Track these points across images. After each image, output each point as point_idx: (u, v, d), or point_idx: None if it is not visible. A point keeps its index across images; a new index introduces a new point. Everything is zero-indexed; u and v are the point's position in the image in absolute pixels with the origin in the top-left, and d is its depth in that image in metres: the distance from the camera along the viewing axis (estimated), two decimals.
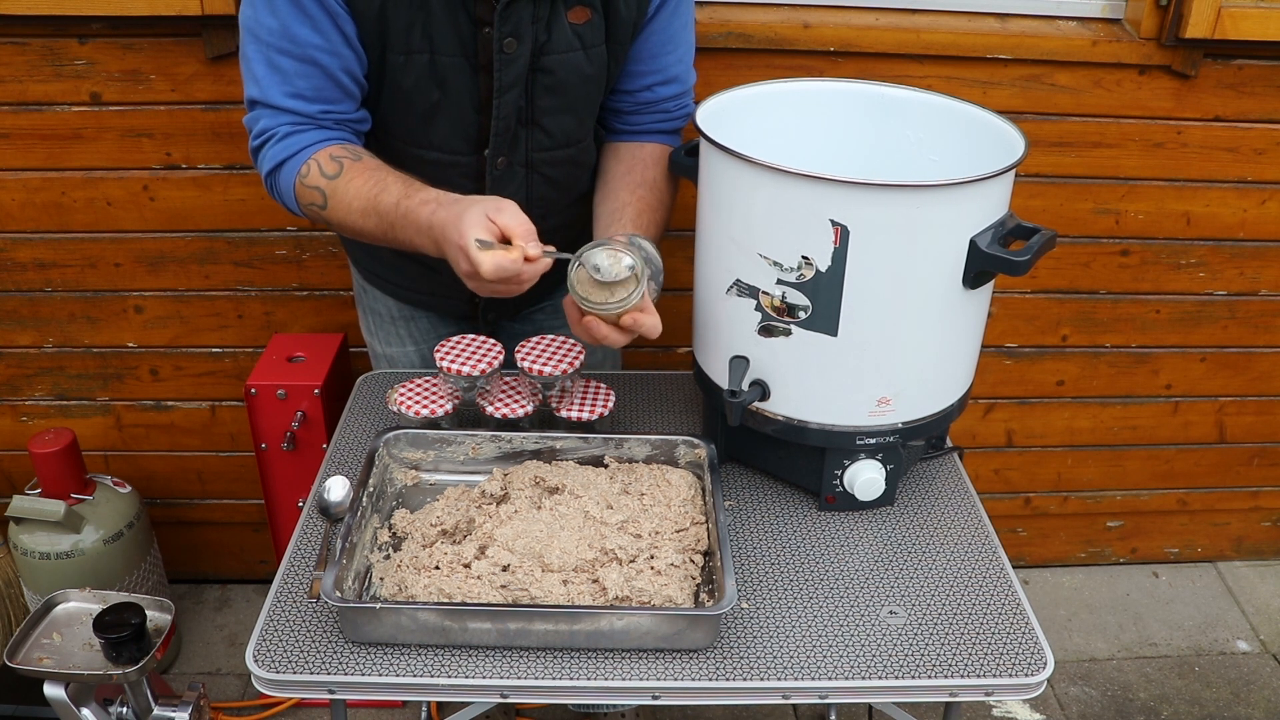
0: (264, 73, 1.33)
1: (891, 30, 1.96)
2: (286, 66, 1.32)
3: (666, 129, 1.59)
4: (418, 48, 1.35)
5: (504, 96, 1.40)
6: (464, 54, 1.37)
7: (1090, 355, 2.36)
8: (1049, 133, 2.08)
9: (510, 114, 1.42)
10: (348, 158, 1.36)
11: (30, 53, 1.90)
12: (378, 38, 1.35)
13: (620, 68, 1.51)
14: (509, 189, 1.49)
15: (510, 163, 1.48)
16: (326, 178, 1.34)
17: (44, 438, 2.05)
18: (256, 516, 2.41)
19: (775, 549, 1.36)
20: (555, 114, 1.46)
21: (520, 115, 1.44)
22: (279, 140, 1.36)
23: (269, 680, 1.16)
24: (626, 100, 1.56)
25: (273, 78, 1.33)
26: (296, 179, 1.36)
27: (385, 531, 1.34)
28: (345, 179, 1.34)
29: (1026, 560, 2.68)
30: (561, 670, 1.16)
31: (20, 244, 2.08)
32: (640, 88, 1.54)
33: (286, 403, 1.94)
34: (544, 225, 1.53)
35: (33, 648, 1.36)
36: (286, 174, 1.37)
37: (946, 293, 1.26)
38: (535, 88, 1.42)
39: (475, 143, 1.45)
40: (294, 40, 1.31)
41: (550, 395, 1.50)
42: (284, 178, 1.37)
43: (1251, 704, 2.32)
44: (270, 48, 1.32)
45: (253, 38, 1.33)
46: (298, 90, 1.34)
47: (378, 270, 1.69)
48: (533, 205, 1.51)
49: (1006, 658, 1.20)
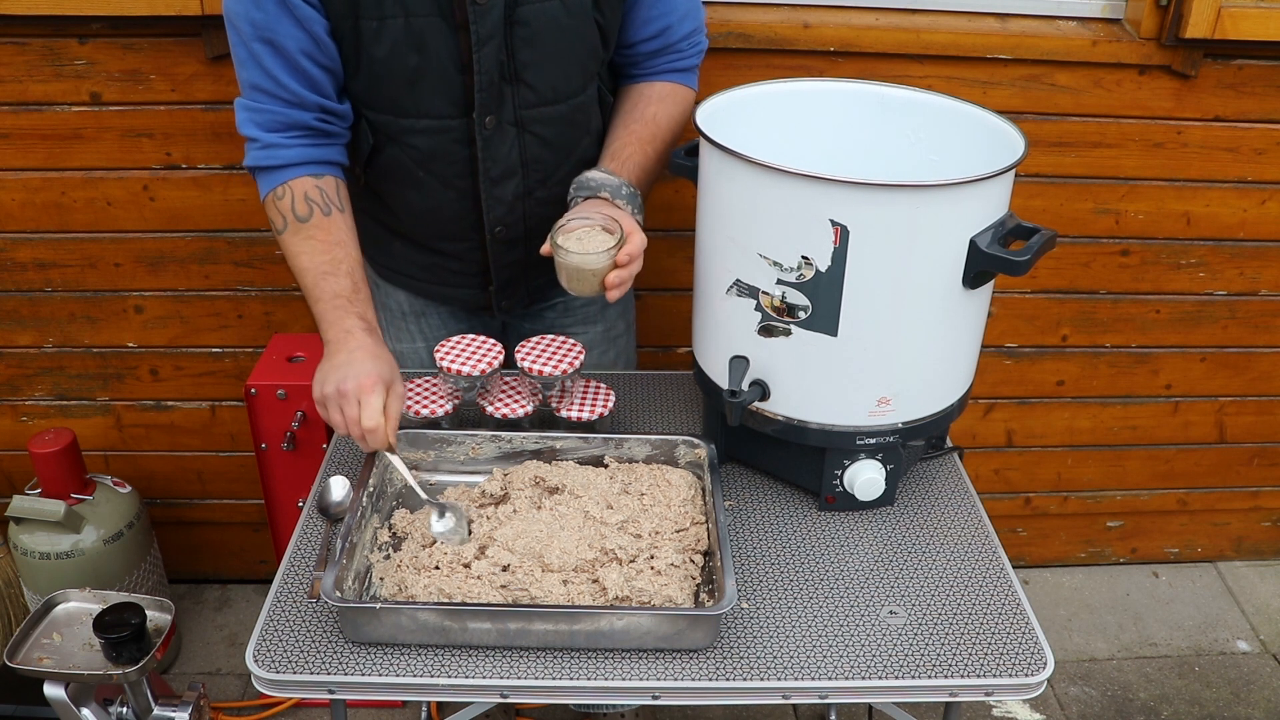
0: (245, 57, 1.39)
1: (891, 30, 1.96)
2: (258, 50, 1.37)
3: (680, 67, 1.59)
4: (390, 12, 1.36)
5: (483, 50, 1.40)
6: (439, 13, 1.37)
7: (1090, 355, 2.36)
8: (1049, 133, 2.08)
9: (492, 68, 1.41)
10: (319, 208, 1.42)
11: (30, 53, 1.90)
12: (349, 6, 1.35)
13: (617, 18, 1.50)
14: (501, 150, 1.49)
15: (499, 121, 1.47)
16: (295, 217, 1.42)
17: (44, 438, 2.05)
18: (256, 516, 2.41)
19: (775, 549, 1.36)
20: (537, 67, 1.45)
21: (503, 70, 1.43)
22: (263, 148, 1.42)
23: (269, 680, 1.16)
24: (636, 51, 1.55)
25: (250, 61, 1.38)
26: (271, 195, 1.43)
27: (385, 531, 1.34)
28: (309, 229, 1.41)
29: (1026, 560, 2.68)
30: (561, 670, 1.16)
31: (20, 244, 2.08)
32: (647, 36, 1.54)
33: (286, 403, 1.94)
34: (540, 193, 1.55)
35: (33, 648, 1.36)
36: (264, 182, 1.44)
37: (946, 293, 1.26)
38: (514, 40, 1.41)
39: (462, 105, 1.45)
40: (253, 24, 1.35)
41: (550, 395, 1.50)
42: (261, 183, 1.45)
43: (1251, 704, 2.32)
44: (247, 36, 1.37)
45: (233, 28, 1.39)
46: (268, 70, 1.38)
47: (391, 264, 1.70)
48: (529, 169, 1.52)
49: (1006, 658, 1.20)
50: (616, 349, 1.82)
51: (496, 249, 1.59)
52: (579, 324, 1.76)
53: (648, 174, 1.52)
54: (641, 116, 1.54)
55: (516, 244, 1.60)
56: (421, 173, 1.51)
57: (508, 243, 1.59)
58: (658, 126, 1.54)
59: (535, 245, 1.58)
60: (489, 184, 1.51)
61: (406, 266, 1.68)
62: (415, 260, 1.65)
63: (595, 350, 1.77)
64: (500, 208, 1.54)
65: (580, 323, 1.76)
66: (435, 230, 1.59)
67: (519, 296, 1.69)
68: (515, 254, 1.61)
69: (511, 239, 1.59)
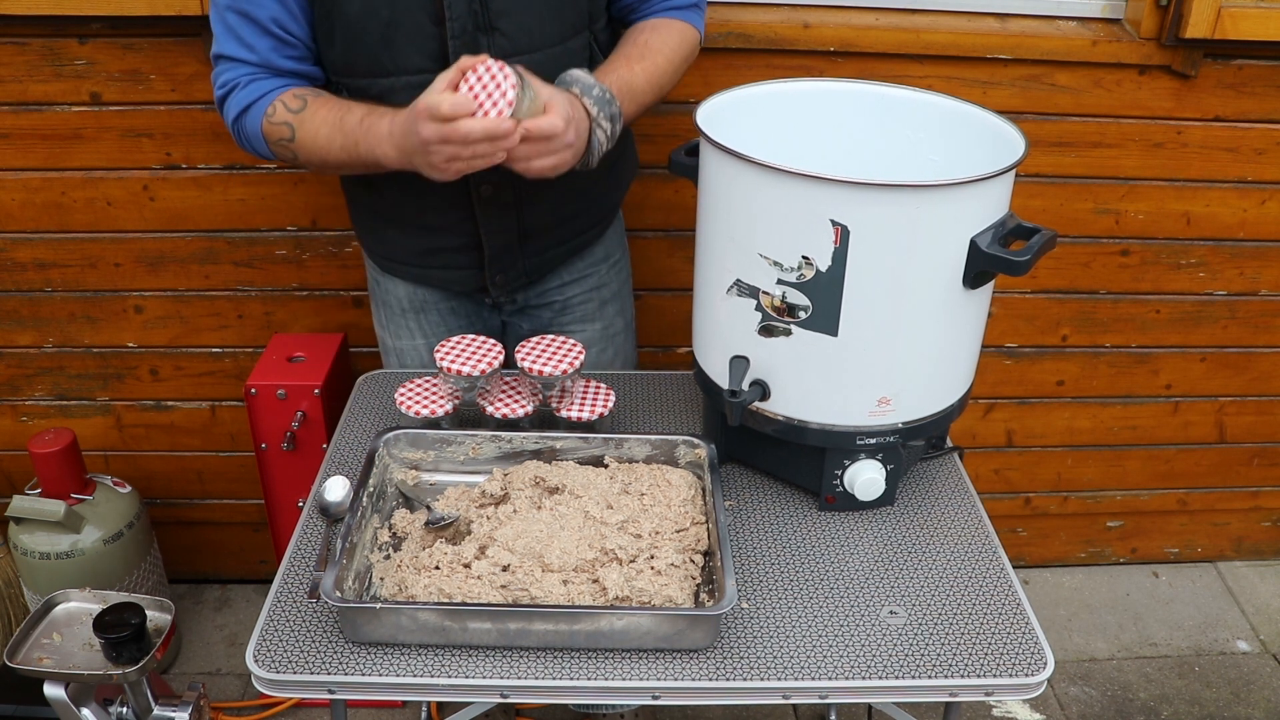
0: (219, 30, 1.44)
1: (891, 30, 1.96)
2: (231, 21, 1.42)
3: (678, 5, 1.59)
4: None
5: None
6: None
7: (1090, 355, 2.36)
8: (1049, 133, 2.08)
9: (464, 15, 1.41)
10: (310, 95, 1.45)
11: (30, 53, 1.90)
12: None
13: None
14: None
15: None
16: (292, 112, 1.43)
17: (44, 438, 2.05)
18: (256, 516, 2.41)
19: (775, 549, 1.36)
20: (511, 15, 1.44)
21: (476, 20, 1.42)
22: (242, 88, 1.45)
23: (269, 680, 1.16)
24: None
25: (224, 33, 1.44)
26: (264, 119, 1.44)
27: (385, 531, 1.34)
28: (310, 110, 1.43)
29: (1026, 560, 2.68)
30: (561, 670, 1.16)
31: (20, 244, 2.08)
32: None
33: (286, 403, 1.94)
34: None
35: (33, 648, 1.36)
36: (253, 117, 1.45)
37: (946, 293, 1.26)
38: None
39: (438, 58, 1.44)
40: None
41: (550, 395, 1.50)
42: (250, 121, 1.46)
43: (1251, 704, 2.32)
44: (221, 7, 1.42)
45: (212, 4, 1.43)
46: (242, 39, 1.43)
47: (386, 252, 1.69)
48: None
49: (1006, 658, 1.20)
50: (615, 347, 1.82)
51: (485, 212, 1.57)
52: (577, 322, 1.76)
53: (632, 89, 1.48)
54: (633, 41, 1.54)
55: (507, 208, 1.58)
56: None
57: (498, 207, 1.57)
58: (648, 48, 1.53)
59: (526, 212, 1.59)
60: None
61: (401, 253, 1.67)
62: (408, 245, 1.65)
63: (594, 349, 1.77)
64: None
65: (578, 320, 1.76)
66: (423, 201, 1.57)
67: (514, 272, 1.67)
68: (506, 220, 1.59)
69: (502, 203, 1.57)
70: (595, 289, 1.77)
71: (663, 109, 1.94)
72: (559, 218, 1.65)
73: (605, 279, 1.78)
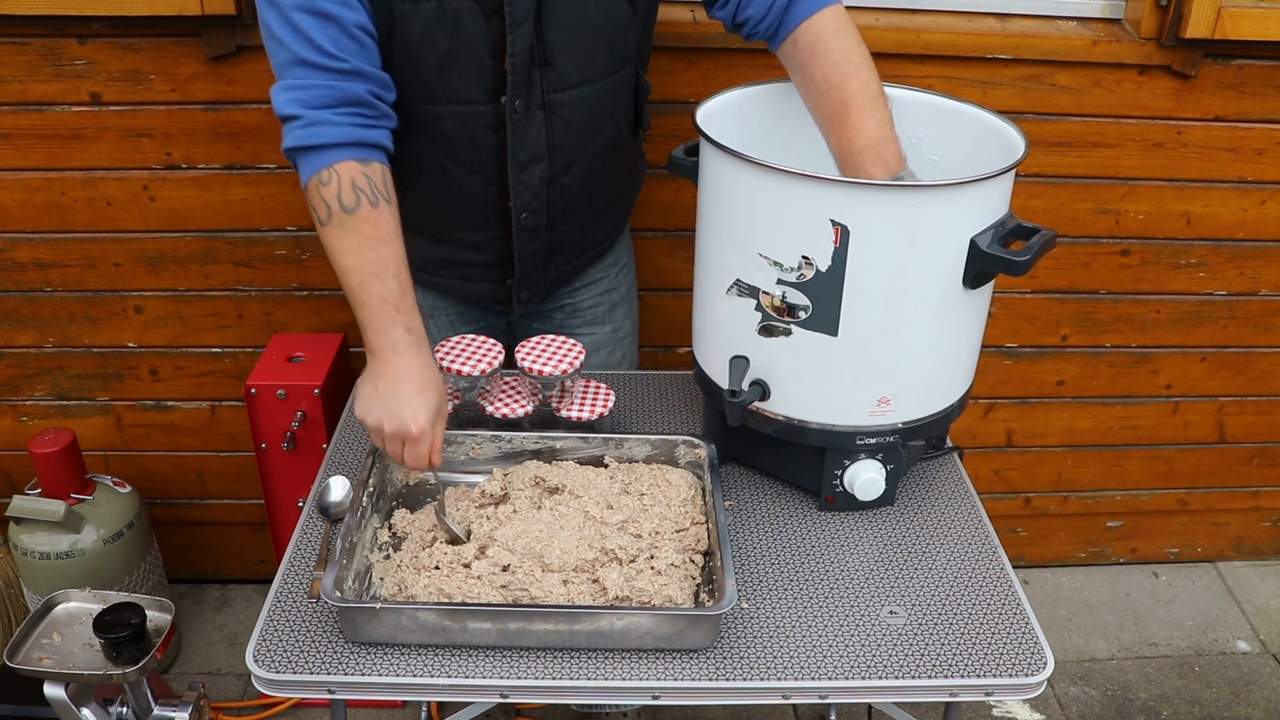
0: (287, 34, 1.29)
1: (891, 30, 1.96)
2: (303, 22, 1.28)
3: None
4: None
5: (516, 32, 1.38)
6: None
7: (1090, 355, 2.36)
8: (1049, 133, 2.08)
9: (523, 50, 1.40)
10: (367, 198, 1.31)
11: (30, 53, 1.90)
12: None
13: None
14: (529, 134, 1.47)
15: (527, 105, 1.45)
16: (342, 207, 1.30)
17: (44, 438, 2.05)
18: (256, 516, 2.41)
19: (775, 549, 1.36)
20: (566, 50, 1.43)
21: (532, 54, 1.42)
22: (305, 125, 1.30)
23: (269, 680, 1.16)
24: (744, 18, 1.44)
25: (294, 36, 1.28)
26: (315, 180, 1.31)
27: (385, 531, 1.34)
28: (354, 226, 1.30)
29: (1026, 560, 2.68)
30: (561, 670, 1.16)
31: (20, 244, 2.08)
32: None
33: (286, 403, 1.94)
34: (564, 179, 1.53)
35: (33, 648, 1.36)
36: (307, 165, 1.32)
37: (946, 293, 1.26)
38: (544, 23, 1.40)
39: (490, 89, 1.43)
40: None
41: (550, 395, 1.50)
42: (303, 166, 1.32)
43: (1251, 704, 2.32)
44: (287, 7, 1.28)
45: (269, 5, 1.29)
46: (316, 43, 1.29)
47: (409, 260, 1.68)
48: (555, 154, 1.50)
49: (1006, 658, 1.20)
50: (623, 349, 1.82)
51: (521, 236, 1.57)
52: (586, 324, 1.76)
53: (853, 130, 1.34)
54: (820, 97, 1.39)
55: (539, 231, 1.58)
56: (446, 160, 1.49)
57: (532, 230, 1.57)
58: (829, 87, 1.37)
59: (556, 233, 1.59)
60: (516, 169, 1.49)
61: (419, 261, 1.65)
62: (429, 254, 1.63)
63: (603, 350, 1.77)
64: (527, 193, 1.52)
65: (588, 324, 1.76)
66: (457, 220, 1.58)
67: (537, 288, 1.68)
68: (537, 242, 1.60)
69: (535, 226, 1.57)
70: (606, 293, 1.77)
71: (663, 109, 1.95)
72: (584, 232, 1.66)
73: (615, 282, 1.78)
